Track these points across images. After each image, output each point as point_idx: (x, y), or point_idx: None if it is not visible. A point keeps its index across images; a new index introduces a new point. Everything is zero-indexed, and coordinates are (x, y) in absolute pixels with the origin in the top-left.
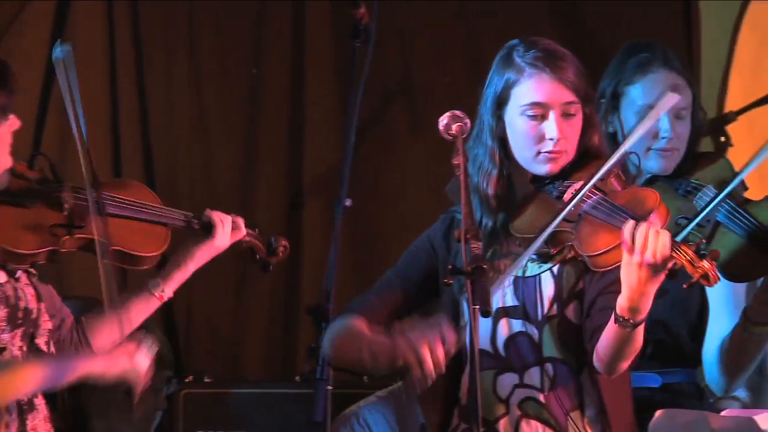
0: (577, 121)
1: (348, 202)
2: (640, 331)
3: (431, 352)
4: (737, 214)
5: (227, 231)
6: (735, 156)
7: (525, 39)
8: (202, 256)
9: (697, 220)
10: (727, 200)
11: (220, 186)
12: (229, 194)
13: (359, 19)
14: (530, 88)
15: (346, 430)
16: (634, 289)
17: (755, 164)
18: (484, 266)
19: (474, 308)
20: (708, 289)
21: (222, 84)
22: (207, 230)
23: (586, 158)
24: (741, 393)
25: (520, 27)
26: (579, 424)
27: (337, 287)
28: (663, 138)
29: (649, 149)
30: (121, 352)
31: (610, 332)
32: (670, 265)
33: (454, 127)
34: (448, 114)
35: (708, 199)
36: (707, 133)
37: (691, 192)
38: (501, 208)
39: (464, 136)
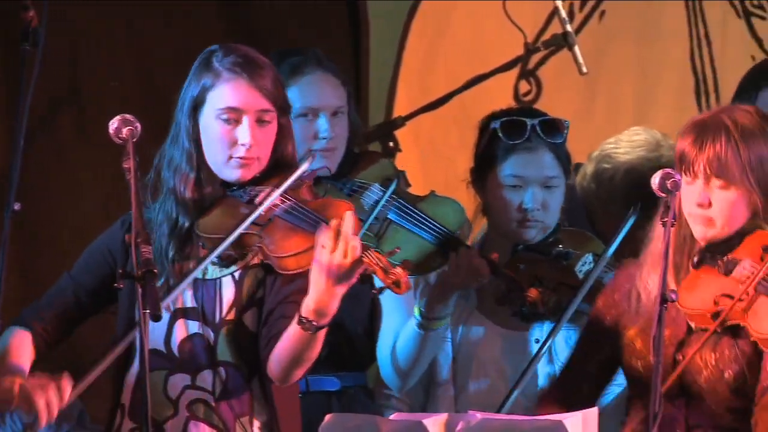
0: (271, 129)
1: (17, 206)
2: (321, 336)
3: (44, 401)
4: (408, 211)
5: None
6: (402, 161)
7: (225, 45)
8: None
9: (371, 218)
10: (397, 198)
11: None
12: None
13: (28, 22)
14: (226, 92)
15: None
16: (323, 291)
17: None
18: (155, 270)
19: (144, 312)
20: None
21: None
22: None
23: (278, 168)
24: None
25: (190, 29)
26: (248, 430)
27: (7, 294)
28: (323, 138)
29: (310, 150)
30: None
31: (290, 336)
32: (360, 269)
33: (125, 130)
34: (118, 117)
35: (375, 197)
36: (376, 138)
37: (356, 191)
38: (195, 211)
39: (135, 139)
